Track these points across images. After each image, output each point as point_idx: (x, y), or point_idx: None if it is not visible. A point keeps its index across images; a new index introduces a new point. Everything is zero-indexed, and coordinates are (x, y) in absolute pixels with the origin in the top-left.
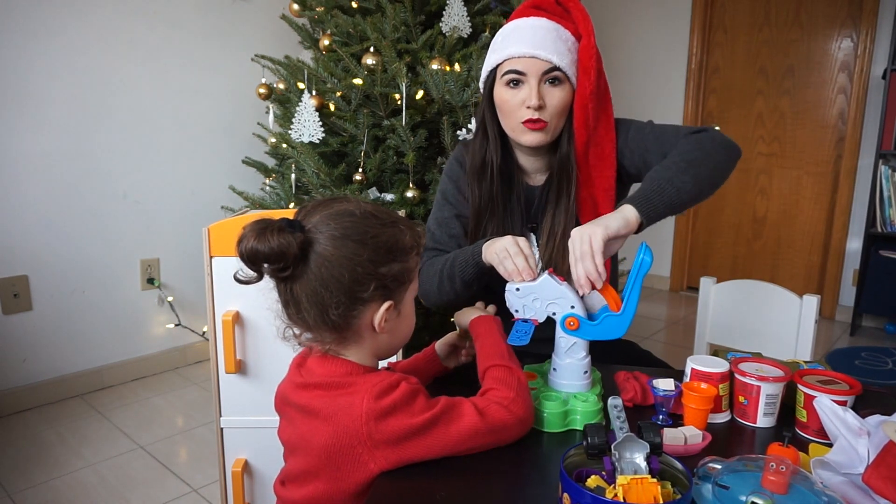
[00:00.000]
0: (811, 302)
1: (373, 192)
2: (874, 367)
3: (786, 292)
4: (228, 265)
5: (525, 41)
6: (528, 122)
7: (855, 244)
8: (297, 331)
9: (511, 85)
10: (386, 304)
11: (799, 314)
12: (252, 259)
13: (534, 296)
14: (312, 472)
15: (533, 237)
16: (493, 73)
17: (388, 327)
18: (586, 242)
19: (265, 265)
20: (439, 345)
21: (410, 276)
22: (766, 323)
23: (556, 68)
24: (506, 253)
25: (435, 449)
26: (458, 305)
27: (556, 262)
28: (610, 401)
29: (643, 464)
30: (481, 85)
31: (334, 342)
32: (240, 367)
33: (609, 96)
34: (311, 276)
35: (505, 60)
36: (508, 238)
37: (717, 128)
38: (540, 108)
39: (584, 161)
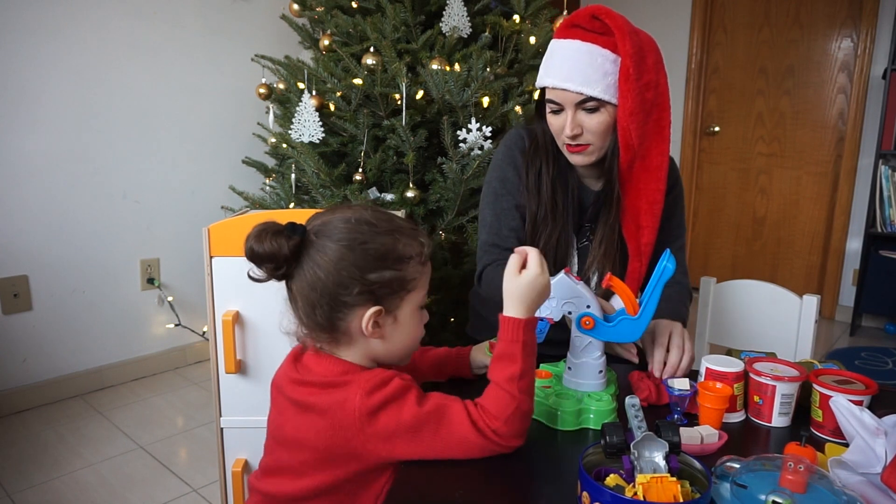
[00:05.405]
0: (811, 302)
1: (373, 192)
2: (874, 367)
3: (786, 292)
4: (228, 265)
5: (557, 71)
6: (569, 147)
7: (855, 244)
8: (294, 325)
9: (552, 112)
10: (372, 310)
11: (799, 314)
12: (251, 259)
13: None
14: (310, 465)
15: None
16: (543, 91)
17: (381, 333)
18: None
19: (263, 265)
20: (476, 356)
21: (409, 286)
22: (766, 323)
23: (589, 98)
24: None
25: (425, 452)
26: None
27: (602, 270)
28: (627, 400)
29: (662, 463)
30: (536, 96)
31: (326, 341)
32: (240, 367)
33: (665, 105)
34: (303, 276)
35: (544, 88)
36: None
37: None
38: (577, 135)
39: (629, 175)
